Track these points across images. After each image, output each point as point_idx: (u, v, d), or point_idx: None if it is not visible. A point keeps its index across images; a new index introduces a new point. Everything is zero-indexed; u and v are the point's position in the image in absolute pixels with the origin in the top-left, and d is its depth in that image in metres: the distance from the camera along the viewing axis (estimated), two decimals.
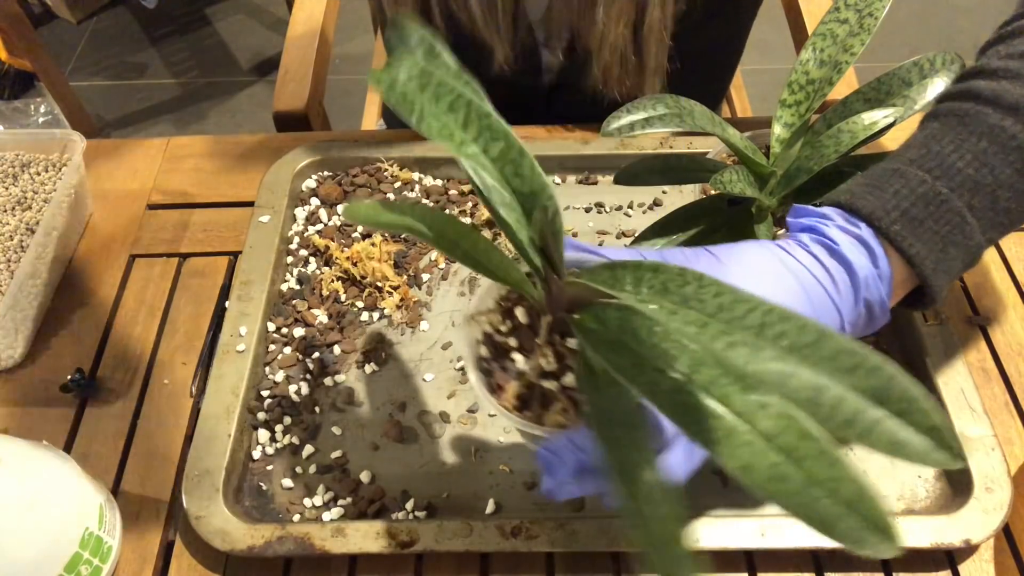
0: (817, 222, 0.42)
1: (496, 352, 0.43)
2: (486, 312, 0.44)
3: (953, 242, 0.41)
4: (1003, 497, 0.50)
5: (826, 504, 0.27)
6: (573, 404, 0.40)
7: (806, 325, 0.28)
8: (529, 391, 0.41)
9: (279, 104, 0.86)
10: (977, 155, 0.41)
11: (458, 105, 0.35)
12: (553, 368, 0.41)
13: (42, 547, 0.45)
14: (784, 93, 0.54)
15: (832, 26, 0.52)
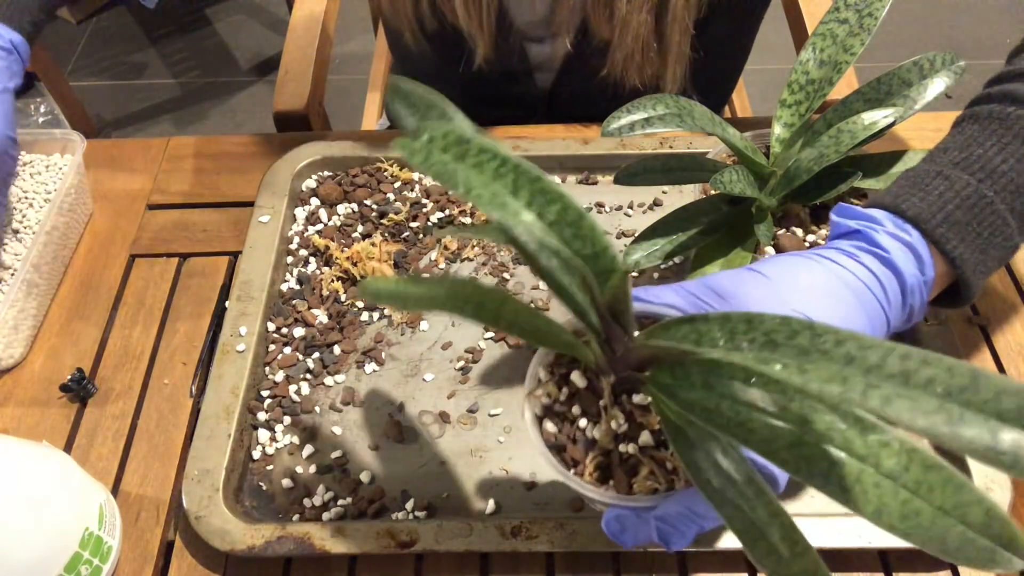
0: (866, 226, 0.42)
1: (561, 424, 0.41)
2: (541, 385, 0.42)
3: (994, 244, 0.42)
4: (1003, 497, 0.50)
5: (958, 531, 0.27)
6: (659, 465, 0.39)
7: (953, 367, 0.26)
8: (607, 458, 0.40)
9: (279, 104, 0.86)
10: (1020, 158, 0.42)
11: (505, 170, 0.33)
12: (624, 430, 0.39)
13: (42, 547, 0.45)
14: (784, 93, 0.54)
15: (832, 26, 0.52)
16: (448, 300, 0.33)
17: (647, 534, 0.38)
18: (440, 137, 0.31)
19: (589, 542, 0.49)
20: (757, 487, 0.32)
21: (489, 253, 0.66)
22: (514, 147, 0.70)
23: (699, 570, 0.50)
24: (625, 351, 0.37)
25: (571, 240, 0.35)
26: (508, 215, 0.33)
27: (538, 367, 0.42)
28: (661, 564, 0.50)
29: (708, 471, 0.33)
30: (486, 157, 0.32)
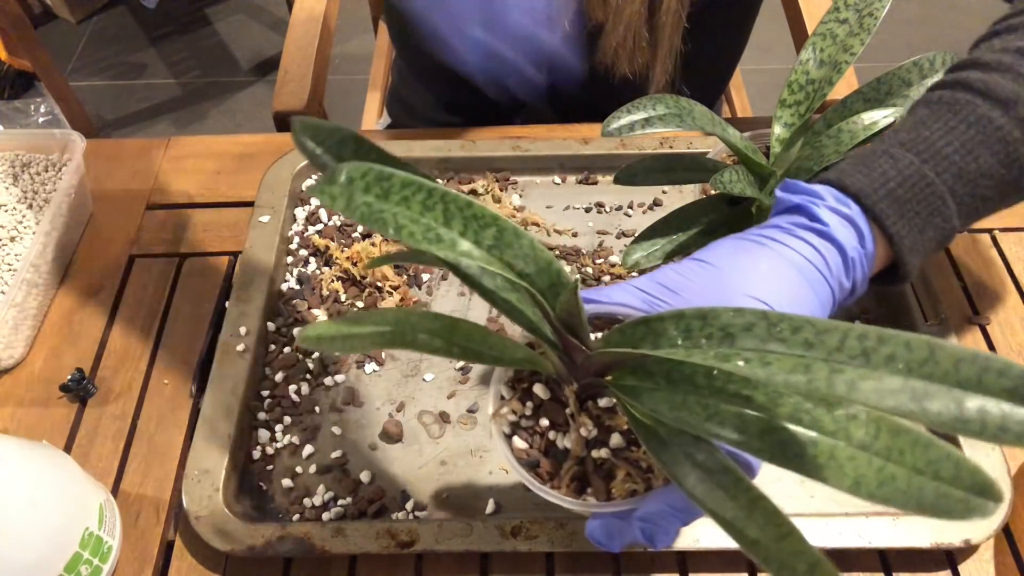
0: (808, 200, 0.43)
1: (531, 438, 0.41)
2: (505, 402, 0.41)
3: (932, 224, 0.43)
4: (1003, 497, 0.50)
5: (932, 488, 0.28)
6: (634, 465, 0.39)
7: (910, 342, 0.27)
8: (581, 467, 0.40)
9: (279, 104, 0.86)
10: (964, 143, 0.43)
11: (433, 202, 0.32)
12: (595, 435, 0.39)
13: (42, 547, 0.45)
14: (784, 93, 0.54)
15: (832, 26, 0.52)
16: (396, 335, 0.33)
17: (632, 536, 0.38)
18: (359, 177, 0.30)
19: (589, 542, 0.49)
20: (734, 476, 0.32)
21: None
22: (514, 147, 0.70)
23: (699, 570, 0.50)
24: (585, 359, 0.37)
25: (513, 261, 0.34)
26: (445, 248, 0.32)
27: (499, 385, 0.42)
28: (661, 564, 0.50)
29: (683, 467, 0.33)
30: (411, 191, 0.31)
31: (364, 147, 0.37)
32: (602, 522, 0.39)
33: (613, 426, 0.39)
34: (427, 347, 0.34)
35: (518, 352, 0.38)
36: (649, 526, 0.37)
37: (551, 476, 0.40)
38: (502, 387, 0.42)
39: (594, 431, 0.39)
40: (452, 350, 0.35)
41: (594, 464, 0.39)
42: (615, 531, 0.39)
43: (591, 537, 0.40)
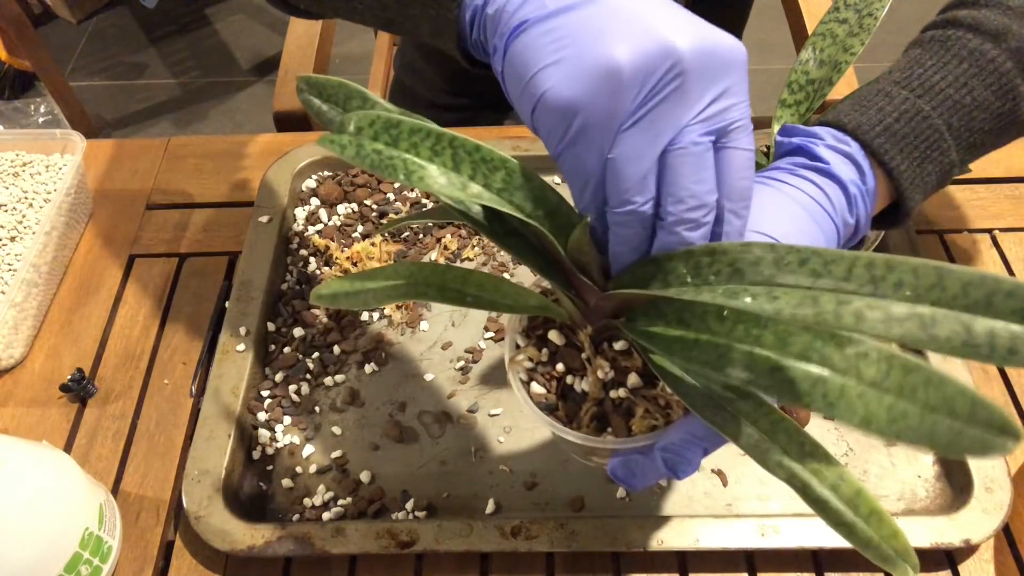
0: (807, 141, 0.43)
1: (548, 384, 0.41)
2: (521, 350, 0.42)
3: (931, 159, 0.43)
4: (1003, 497, 0.50)
5: (946, 425, 0.27)
6: (652, 402, 0.39)
7: (918, 267, 0.27)
8: (600, 407, 0.40)
9: (279, 104, 0.86)
10: (958, 77, 0.43)
11: (441, 147, 0.32)
12: (612, 376, 0.40)
13: (42, 547, 0.45)
14: (784, 93, 0.54)
15: (832, 26, 0.52)
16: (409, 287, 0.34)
17: (655, 471, 0.38)
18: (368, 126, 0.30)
19: (589, 542, 0.49)
20: (755, 400, 0.33)
21: (489, 253, 0.66)
22: (514, 147, 0.70)
23: (699, 570, 0.50)
24: (598, 301, 0.37)
25: (523, 203, 0.34)
26: (455, 191, 0.32)
27: (514, 334, 0.42)
28: (661, 564, 0.50)
29: (702, 398, 0.34)
30: (419, 137, 0.32)
31: (370, 102, 0.37)
32: (623, 459, 0.39)
33: (629, 367, 0.39)
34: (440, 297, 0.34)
35: (531, 299, 0.38)
36: (672, 456, 0.37)
37: (570, 419, 0.40)
38: (517, 336, 0.42)
39: (611, 373, 0.39)
40: (466, 299, 0.35)
41: (612, 404, 0.40)
42: (637, 467, 0.39)
43: (614, 475, 0.40)
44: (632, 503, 0.53)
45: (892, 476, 0.53)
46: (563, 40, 0.33)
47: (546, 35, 0.34)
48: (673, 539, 0.49)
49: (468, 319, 0.62)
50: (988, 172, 0.69)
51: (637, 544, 0.49)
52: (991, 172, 0.69)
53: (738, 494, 0.53)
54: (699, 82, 0.33)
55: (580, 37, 0.33)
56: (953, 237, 0.66)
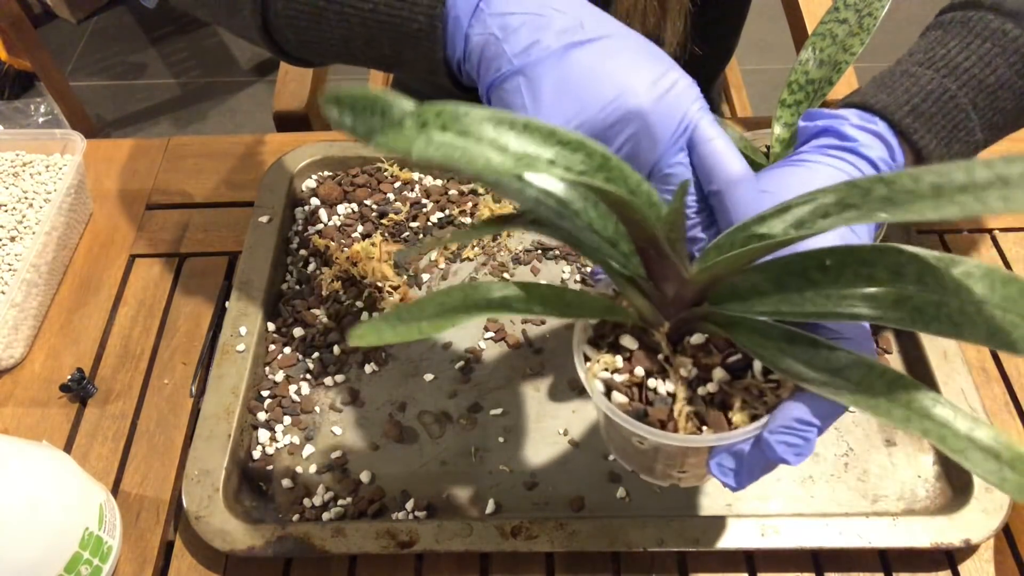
0: (832, 123, 0.43)
1: (629, 391, 0.39)
2: (595, 361, 0.39)
3: (957, 138, 0.43)
4: (1003, 497, 0.50)
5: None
6: (746, 392, 0.37)
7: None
8: (692, 406, 0.38)
9: (279, 104, 0.86)
10: (981, 56, 0.44)
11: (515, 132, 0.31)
12: (695, 374, 0.38)
13: (42, 547, 0.45)
14: (784, 93, 0.54)
15: (832, 26, 0.52)
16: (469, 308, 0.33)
17: (763, 463, 0.37)
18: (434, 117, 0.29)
19: (589, 542, 0.49)
20: (866, 365, 0.32)
21: (489, 253, 0.66)
22: None
23: (699, 570, 0.50)
24: (680, 287, 0.36)
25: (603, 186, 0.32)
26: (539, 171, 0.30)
27: (581, 347, 0.40)
28: (661, 564, 0.51)
29: (809, 371, 0.33)
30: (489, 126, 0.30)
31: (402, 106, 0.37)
32: (726, 455, 0.37)
33: (711, 363, 0.38)
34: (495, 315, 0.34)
35: (597, 303, 0.37)
36: (786, 439, 0.35)
37: (663, 423, 0.37)
38: (584, 348, 0.40)
39: (694, 370, 0.38)
40: (532, 308, 0.35)
41: (704, 401, 0.38)
42: (743, 462, 0.37)
43: (718, 475, 0.38)
44: (632, 503, 0.53)
45: (892, 476, 0.53)
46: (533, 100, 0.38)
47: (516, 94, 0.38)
48: (673, 539, 0.49)
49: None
50: (1005, 222, 0.69)
51: (637, 544, 0.49)
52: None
53: (738, 494, 0.53)
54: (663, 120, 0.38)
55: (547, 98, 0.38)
56: (953, 237, 0.66)
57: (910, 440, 0.55)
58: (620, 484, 0.53)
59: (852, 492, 0.52)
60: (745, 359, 0.38)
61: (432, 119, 0.29)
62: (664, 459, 0.41)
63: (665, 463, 0.42)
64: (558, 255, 0.66)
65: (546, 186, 0.35)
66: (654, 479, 0.45)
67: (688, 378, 0.38)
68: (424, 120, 0.29)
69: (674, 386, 0.38)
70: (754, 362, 0.38)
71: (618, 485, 0.53)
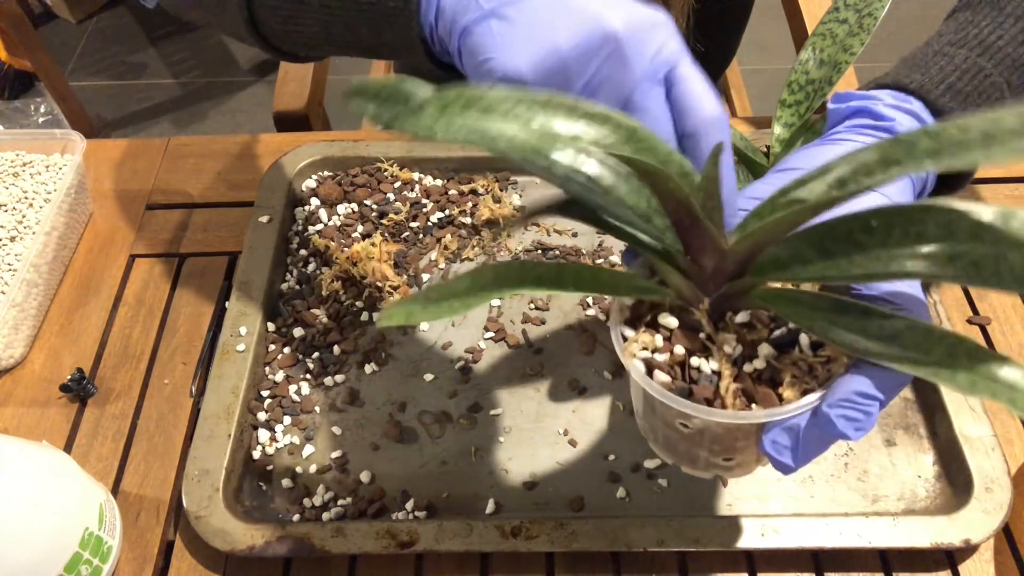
0: (866, 103, 0.42)
1: (672, 370, 0.37)
2: (632, 340, 0.38)
3: None
4: (1003, 497, 0.50)
5: None
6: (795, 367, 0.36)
7: None
8: (739, 382, 0.36)
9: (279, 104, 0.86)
10: (1015, 36, 0.43)
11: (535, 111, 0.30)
12: (740, 351, 0.36)
13: (42, 547, 0.45)
14: (784, 93, 0.54)
15: (832, 26, 0.52)
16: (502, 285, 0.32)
17: (822, 439, 0.35)
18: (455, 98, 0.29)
19: (589, 542, 0.49)
20: (923, 329, 0.31)
21: (489, 254, 0.66)
22: None
23: (699, 570, 0.50)
24: (719, 259, 0.34)
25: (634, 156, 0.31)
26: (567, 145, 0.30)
27: (618, 329, 0.38)
28: (661, 564, 0.51)
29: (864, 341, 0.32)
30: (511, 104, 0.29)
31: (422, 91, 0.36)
32: (780, 433, 0.36)
33: (756, 339, 0.37)
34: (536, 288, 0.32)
35: (633, 282, 0.36)
36: (847, 413, 0.34)
37: (709, 401, 0.36)
38: (623, 330, 0.38)
39: (738, 347, 0.36)
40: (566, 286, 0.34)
41: (751, 378, 0.36)
42: (799, 439, 0.35)
43: (773, 453, 0.36)
44: (632, 503, 0.53)
45: (892, 476, 0.53)
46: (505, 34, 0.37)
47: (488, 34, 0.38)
48: (673, 539, 0.49)
49: (468, 319, 0.62)
50: (988, 172, 0.69)
51: (637, 544, 0.49)
52: (991, 172, 0.69)
53: (738, 494, 0.53)
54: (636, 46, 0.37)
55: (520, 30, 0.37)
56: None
57: (910, 440, 0.55)
58: (620, 484, 0.53)
59: (852, 492, 0.52)
60: (790, 333, 0.36)
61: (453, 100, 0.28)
62: (710, 444, 0.39)
63: (711, 449, 0.40)
64: (558, 255, 0.66)
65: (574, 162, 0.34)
66: (698, 470, 0.43)
67: (732, 355, 0.36)
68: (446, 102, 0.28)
69: (718, 364, 0.36)
70: (801, 336, 0.36)
71: (618, 485, 0.53)
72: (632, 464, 0.54)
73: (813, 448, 0.36)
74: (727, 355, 0.36)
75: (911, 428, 0.55)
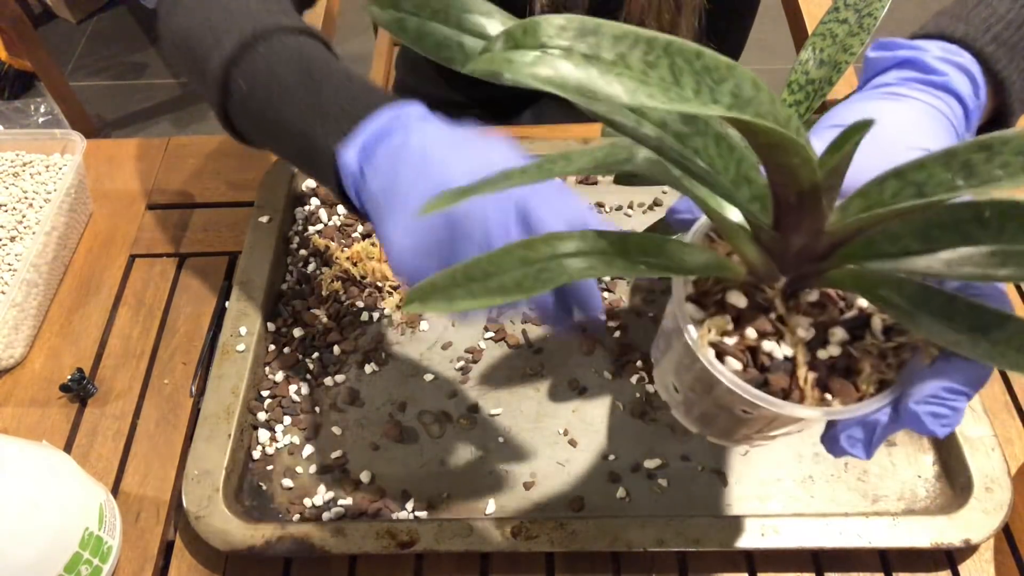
0: (915, 54, 0.41)
1: (743, 356, 0.34)
2: (704, 324, 0.34)
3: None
4: (1003, 497, 0.50)
5: None
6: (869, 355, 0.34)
7: None
8: (814, 371, 0.34)
9: None
10: None
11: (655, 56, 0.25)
12: (813, 335, 0.34)
13: (42, 547, 0.45)
14: (784, 93, 0.54)
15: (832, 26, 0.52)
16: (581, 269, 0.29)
17: (894, 431, 0.34)
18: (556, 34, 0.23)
19: (589, 542, 0.49)
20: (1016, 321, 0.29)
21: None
22: None
23: (699, 570, 0.50)
24: (812, 239, 0.32)
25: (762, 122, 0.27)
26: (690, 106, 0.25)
27: (683, 306, 0.35)
28: (661, 564, 0.51)
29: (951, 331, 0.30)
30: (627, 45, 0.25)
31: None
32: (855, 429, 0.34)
33: (828, 321, 0.34)
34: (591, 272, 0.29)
35: (702, 257, 0.33)
36: (936, 407, 0.32)
37: (786, 393, 0.33)
38: (688, 307, 0.35)
39: (811, 331, 0.34)
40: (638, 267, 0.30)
41: (827, 367, 0.34)
42: (879, 430, 0.34)
43: (847, 447, 0.35)
44: (632, 503, 0.53)
45: (892, 476, 0.53)
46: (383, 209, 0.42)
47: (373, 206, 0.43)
48: (673, 539, 0.49)
49: (468, 319, 0.62)
50: None
51: (637, 544, 0.49)
52: None
53: (738, 494, 0.53)
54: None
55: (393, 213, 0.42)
56: None
57: (910, 440, 0.55)
58: (620, 484, 0.53)
59: (852, 492, 0.52)
60: (861, 316, 0.35)
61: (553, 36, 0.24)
62: (762, 427, 0.37)
63: (759, 430, 0.38)
64: None
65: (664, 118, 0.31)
66: (726, 441, 0.41)
67: (806, 339, 0.34)
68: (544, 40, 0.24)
69: (792, 349, 0.34)
70: (872, 320, 0.34)
71: (618, 485, 0.53)
72: (632, 464, 0.54)
73: (882, 440, 0.35)
74: (801, 339, 0.34)
75: None
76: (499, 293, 0.28)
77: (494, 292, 0.28)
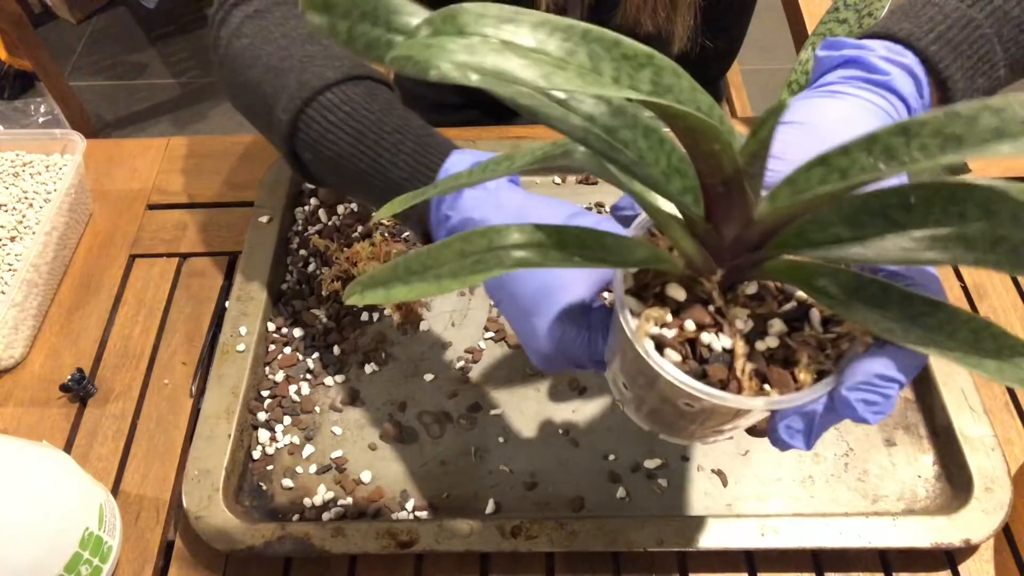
0: (860, 53, 0.41)
1: (681, 348, 0.34)
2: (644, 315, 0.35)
3: (981, 72, 0.42)
4: (1003, 497, 0.50)
5: None
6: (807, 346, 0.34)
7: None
8: (752, 362, 0.34)
9: None
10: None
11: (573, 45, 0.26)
12: (752, 326, 0.34)
13: (42, 547, 0.45)
14: (784, 93, 0.54)
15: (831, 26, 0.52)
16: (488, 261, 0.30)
17: (833, 421, 0.34)
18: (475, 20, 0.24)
19: (589, 542, 0.49)
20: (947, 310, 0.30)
21: None
22: (514, 147, 0.70)
23: (699, 570, 0.50)
24: (743, 229, 0.32)
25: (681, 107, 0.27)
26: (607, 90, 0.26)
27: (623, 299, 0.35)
28: (661, 564, 0.51)
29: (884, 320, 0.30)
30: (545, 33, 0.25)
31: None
32: (794, 419, 0.35)
33: (767, 313, 0.35)
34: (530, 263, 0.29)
35: (640, 251, 0.33)
36: (867, 396, 0.33)
37: (723, 383, 0.34)
38: (628, 300, 0.35)
39: (750, 322, 0.34)
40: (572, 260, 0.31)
41: (763, 358, 0.34)
42: (817, 420, 0.34)
43: (785, 439, 0.35)
44: (632, 503, 0.53)
45: (892, 476, 0.53)
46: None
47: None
48: (673, 539, 0.49)
49: (468, 319, 0.62)
50: (988, 171, 0.69)
51: (637, 544, 0.49)
52: (991, 171, 0.69)
53: (738, 494, 0.53)
54: None
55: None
56: None
57: (910, 440, 0.55)
58: (620, 484, 0.53)
59: (852, 492, 0.52)
60: (800, 308, 0.35)
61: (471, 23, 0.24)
62: (707, 419, 0.37)
63: (705, 424, 0.38)
64: None
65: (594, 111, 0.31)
66: (678, 438, 0.41)
67: (744, 331, 0.34)
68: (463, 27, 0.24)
69: (731, 340, 0.34)
70: (811, 312, 0.35)
71: (618, 485, 0.53)
72: (632, 464, 0.54)
73: (823, 430, 0.35)
74: (739, 331, 0.34)
75: (911, 428, 0.55)
76: (435, 283, 0.29)
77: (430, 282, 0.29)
